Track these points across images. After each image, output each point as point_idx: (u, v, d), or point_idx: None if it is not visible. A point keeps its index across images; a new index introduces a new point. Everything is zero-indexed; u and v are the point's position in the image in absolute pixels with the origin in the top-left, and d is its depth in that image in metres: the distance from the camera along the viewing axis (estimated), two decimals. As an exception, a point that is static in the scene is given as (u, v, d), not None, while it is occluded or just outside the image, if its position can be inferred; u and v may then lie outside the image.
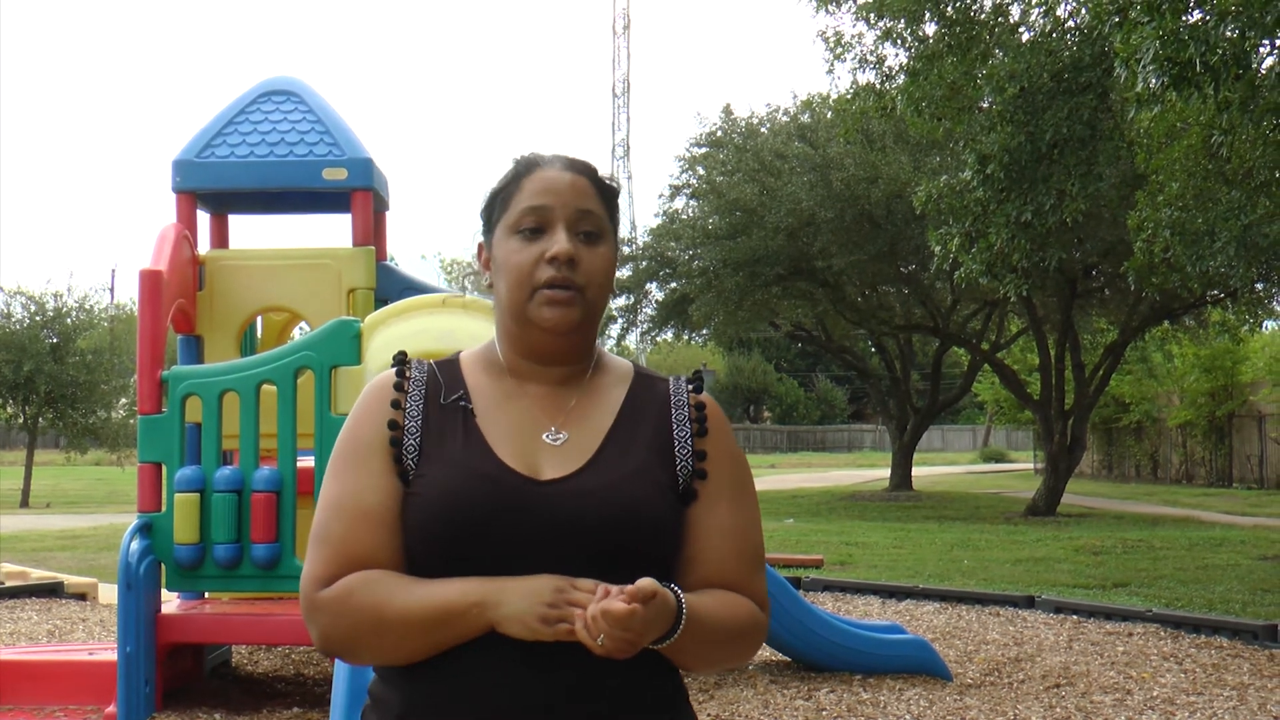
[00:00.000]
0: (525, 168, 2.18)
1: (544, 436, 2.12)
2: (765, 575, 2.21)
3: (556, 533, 2.00)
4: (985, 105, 14.67)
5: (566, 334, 2.12)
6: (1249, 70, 9.11)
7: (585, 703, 2.00)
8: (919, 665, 7.99)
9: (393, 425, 2.12)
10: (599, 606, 1.89)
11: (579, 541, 2.02)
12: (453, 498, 2.03)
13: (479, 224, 2.26)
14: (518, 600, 1.95)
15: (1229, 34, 8.70)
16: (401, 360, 2.21)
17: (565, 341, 2.14)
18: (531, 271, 2.10)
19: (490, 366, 2.20)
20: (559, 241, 2.10)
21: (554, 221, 2.12)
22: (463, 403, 2.15)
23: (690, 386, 2.23)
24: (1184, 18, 9.07)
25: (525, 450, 2.10)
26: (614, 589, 1.90)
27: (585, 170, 2.18)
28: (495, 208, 2.19)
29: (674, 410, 2.19)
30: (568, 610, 1.93)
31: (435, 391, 2.16)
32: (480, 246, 2.24)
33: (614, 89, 77.14)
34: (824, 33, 17.65)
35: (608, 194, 2.19)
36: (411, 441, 2.11)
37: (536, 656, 1.98)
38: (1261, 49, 9.92)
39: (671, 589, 1.99)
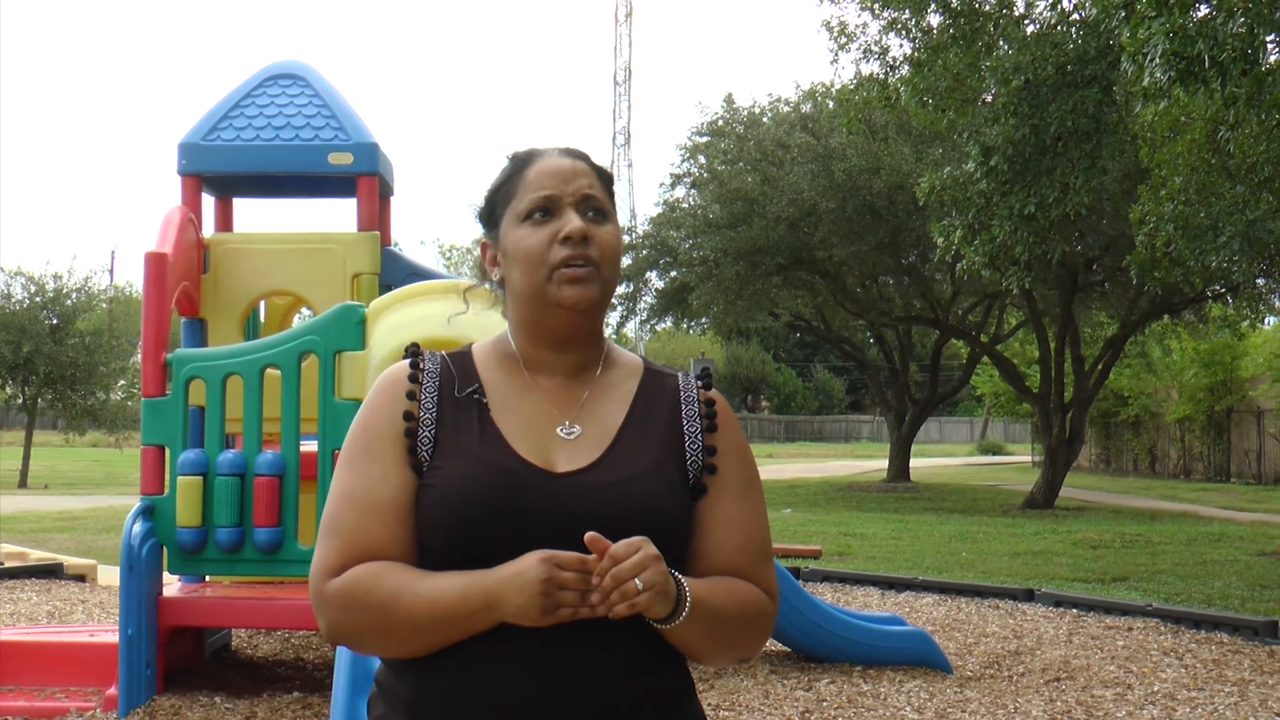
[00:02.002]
0: (525, 160, 2.20)
1: (558, 430, 2.13)
2: (773, 567, 2.22)
3: (571, 526, 2.00)
4: (989, 97, 14.64)
5: (586, 311, 2.13)
6: (1256, 66, 9.09)
7: (597, 697, 2.01)
8: (919, 657, 7.99)
9: (408, 416, 2.12)
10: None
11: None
12: (468, 490, 2.04)
13: (479, 227, 2.27)
14: (514, 598, 1.94)
15: (1237, 30, 8.68)
16: (415, 352, 2.21)
17: (583, 321, 2.15)
18: (545, 252, 2.11)
19: (503, 360, 2.21)
20: (571, 220, 2.12)
21: (562, 206, 2.14)
22: (477, 396, 2.15)
23: (699, 382, 2.25)
24: (1191, 13, 9.05)
25: (539, 443, 2.11)
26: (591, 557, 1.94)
27: (582, 156, 2.22)
28: (498, 203, 2.20)
29: (684, 405, 2.21)
30: (561, 595, 1.93)
31: (449, 383, 2.17)
32: (484, 245, 2.25)
33: (615, 76, 77.02)
34: (828, 22, 17.68)
35: (605, 178, 2.22)
36: (426, 433, 2.11)
37: (548, 651, 1.99)
38: (1269, 44, 9.90)
39: (672, 574, 2.00)
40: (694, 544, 2.14)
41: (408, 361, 2.20)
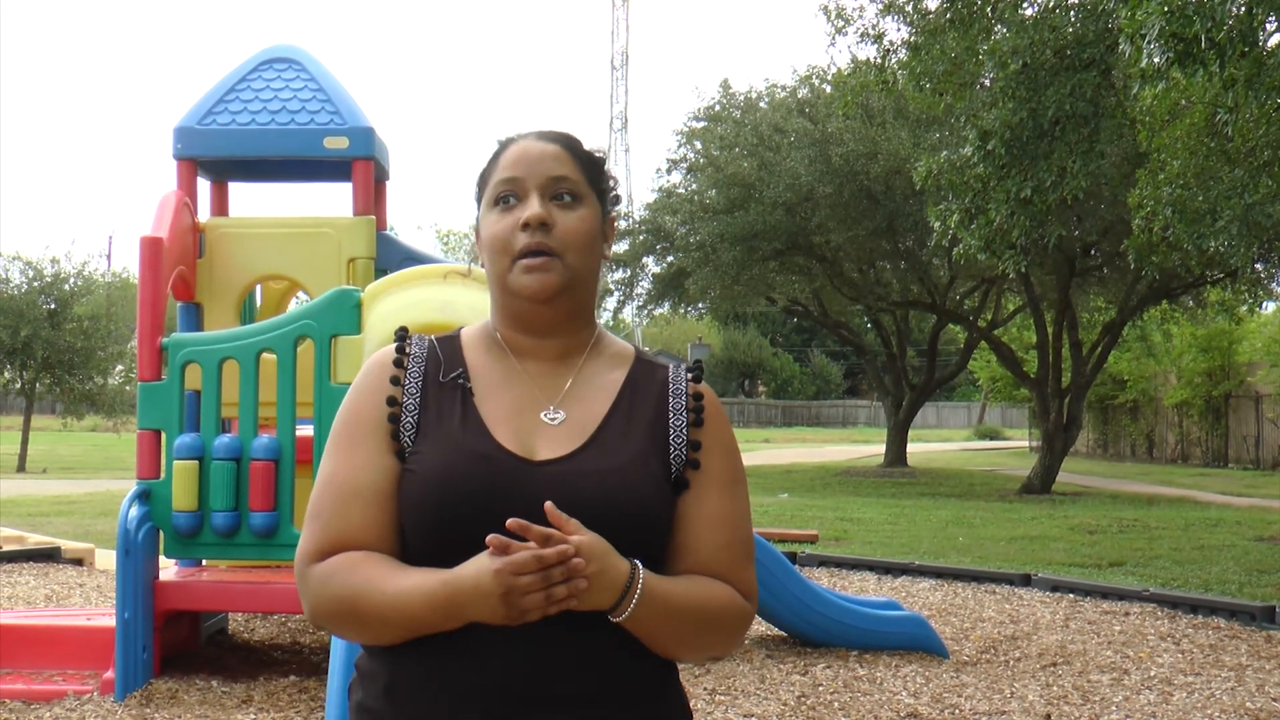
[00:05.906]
0: (503, 145, 2.20)
1: (542, 415, 2.11)
2: (754, 568, 2.19)
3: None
4: (987, 81, 14.61)
5: (547, 301, 2.11)
6: (1255, 47, 9.06)
7: (572, 682, 1.99)
8: (916, 642, 7.99)
9: (391, 402, 2.12)
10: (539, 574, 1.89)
11: None
12: (446, 476, 2.02)
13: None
14: (478, 609, 1.92)
15: (1236, 10, 8.65)
16: (402, 336, 2.21)
17: (550, 310, 2.13)
18: (508, 240, 2.11)
19: (490, 344, 2.20)
20: (531, 206, 2.10)
21: (527, 190, 2.12)
22: (461, 381, 2.14)
23: (689, 375, 2.22)
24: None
25: (522, 430, 2.09)
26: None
27: (559, 139, 2.19)
28: (481, 187, 2.21)
29: (671, 398, 2.18)
30: (524, 601, 1.89)
31: (435, 368, 2.16)
32: (476, 229, 2.25)
33: (613, 61, 76.96)
34: (825, 6, 17.63)
35: (586, 160, 2.19)
36: (409, 419, 2.10)
37: (524, 637, 1.97)
38: (1269, 25, 9.87)
39: (632, 561, 1.98)
40: (675, 540, 2.11)
41: (394, 346, 2.19)
